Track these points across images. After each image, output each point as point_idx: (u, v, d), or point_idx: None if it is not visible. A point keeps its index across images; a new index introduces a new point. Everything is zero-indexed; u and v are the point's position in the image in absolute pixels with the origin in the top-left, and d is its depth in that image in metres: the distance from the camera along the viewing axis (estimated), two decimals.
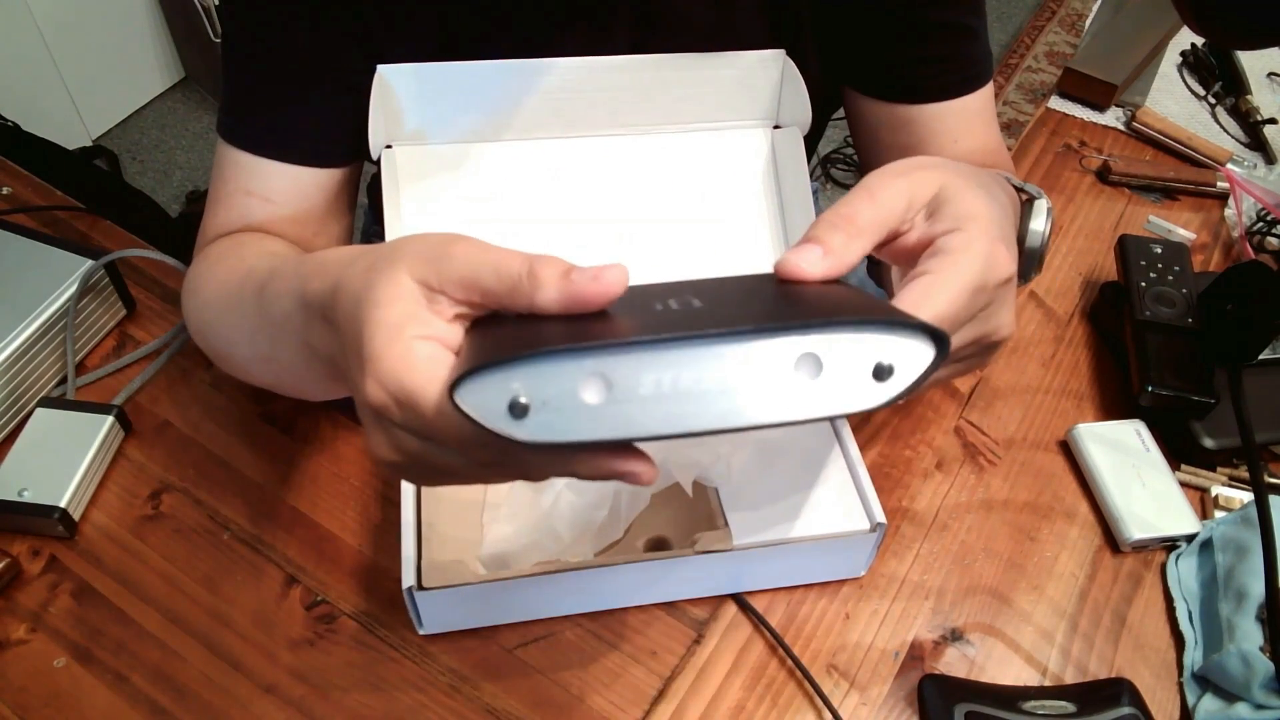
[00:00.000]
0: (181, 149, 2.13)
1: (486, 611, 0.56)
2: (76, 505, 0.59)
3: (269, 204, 0.61)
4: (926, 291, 0.37)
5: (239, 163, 0.60)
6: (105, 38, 2.03)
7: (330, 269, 0.39)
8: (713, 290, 0.36)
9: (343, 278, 0.37)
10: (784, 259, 0.37)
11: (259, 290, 0.48)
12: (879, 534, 0.56)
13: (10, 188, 0.80)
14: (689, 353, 0.30)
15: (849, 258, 0.37)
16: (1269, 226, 0.83)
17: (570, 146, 0.64)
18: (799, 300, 0.35)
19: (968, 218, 0.39)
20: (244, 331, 0.51)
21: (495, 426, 0.29)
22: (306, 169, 0.61)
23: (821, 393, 0.31)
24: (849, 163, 2.15)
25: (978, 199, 0.40)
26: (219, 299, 0.55)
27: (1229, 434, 0.65)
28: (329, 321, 0.38)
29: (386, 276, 0.34)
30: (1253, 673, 0.53)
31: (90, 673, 0.54)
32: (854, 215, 0.38)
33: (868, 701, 0.55)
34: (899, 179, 0.40)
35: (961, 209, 0.39)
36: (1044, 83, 1.02)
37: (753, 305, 0.34)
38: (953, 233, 0.39)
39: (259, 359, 0.52)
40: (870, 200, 0.39)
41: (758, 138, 0.66)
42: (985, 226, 0.39)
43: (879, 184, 0.40)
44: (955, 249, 0.38)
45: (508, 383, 0.29)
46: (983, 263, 0.38)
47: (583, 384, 0.29)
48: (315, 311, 0.40)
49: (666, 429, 0.30)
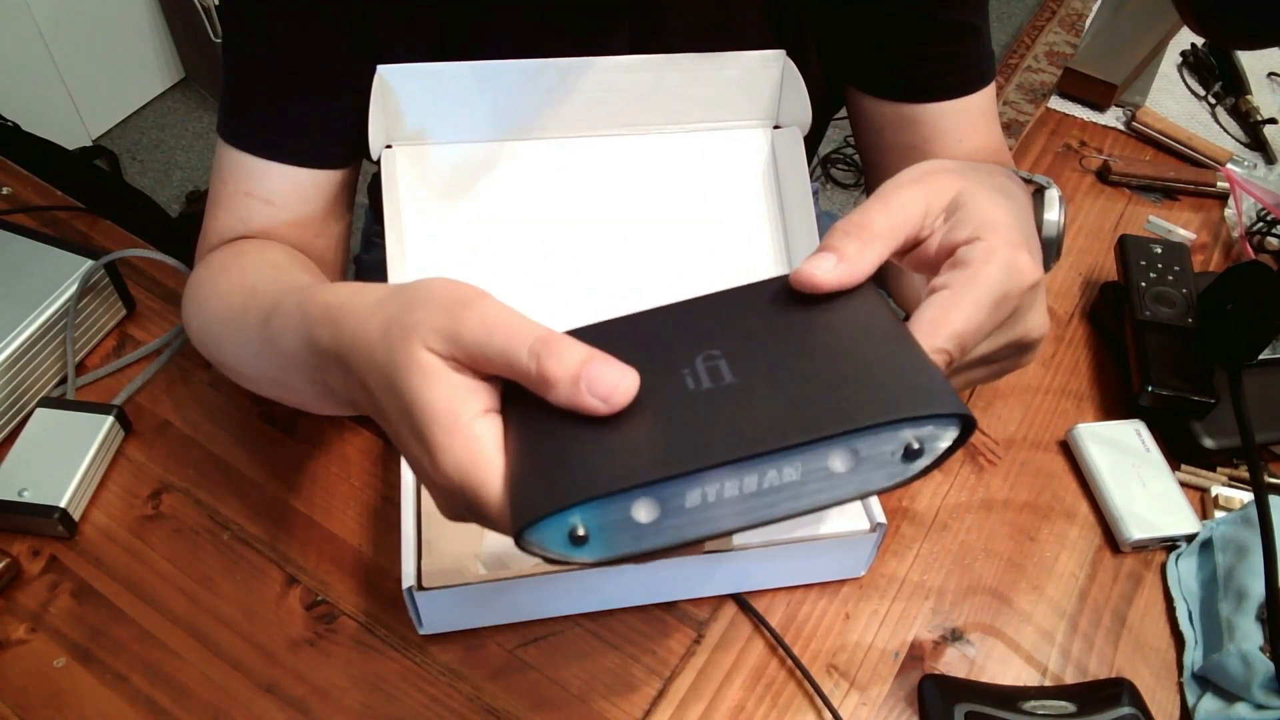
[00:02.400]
0: (181, 149, 2.13)
1: (486, 611, 0.56)
2: (76, 505, 0.59)
3: (269, 206, 0.61)
4: (946, 307, 0.36)
5: (238, 164, 0.60)
6: (105, 38, 2.03)
7: (334, 318, 0.39)
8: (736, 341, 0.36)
9: (358, 337, 0.37)
10: (800, 270, 0.36)
11: (264, 321, 0.48)
12: (879, 534, 0.56)
13: (10, 188, 0.80)
14: (734, 470, 0.32)
15: (863, 266, 0.37)
16: (1269, 226, 0.83)
17: (570, 146, 0.64)
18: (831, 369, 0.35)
19: (987, 225, 0.38)
20: (249, 354, 0.51)
21: (560, 555, 0.32)
22: (306, 170, 0.61)
23: (856, 478, 0.33)
24: (849, 163, 2.15)
25: (997, 204, 0.39)
26: (222, 317, 0.55)
27: (1229, 434, 0.65)
28: (350, 373, 0.38)
29: (409, 356, 0.34)
30: (1253, 673, 0.53)
31: (90, 673, 0.54)
32: (868, 222, 0.38)
33: (868, 701, 0.55)
34: (914, 185, 0.39)
35: (980, 216, 0.38)
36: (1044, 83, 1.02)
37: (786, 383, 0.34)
38: (973, 242, 0.38)
39: (266, 380, 0.52)
40: (885, 207, 0.38)
41: (758, 138, 0.66)
42: (1006, 234, 0.38)
43: (894, 191, 0.39)
44: (975, 260, 0.37)
45: (566, 520, 0.31)
46: (1004, 272, 0.37)
47: (635, 510, 0.32)
48: (329, 359, 0.39)
49: (713, 530, 0.32)
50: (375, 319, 0.36)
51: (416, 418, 0.34)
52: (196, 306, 0.59)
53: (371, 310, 0.37)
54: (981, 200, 0.39)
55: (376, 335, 0.35)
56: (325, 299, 0.41)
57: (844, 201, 2.12)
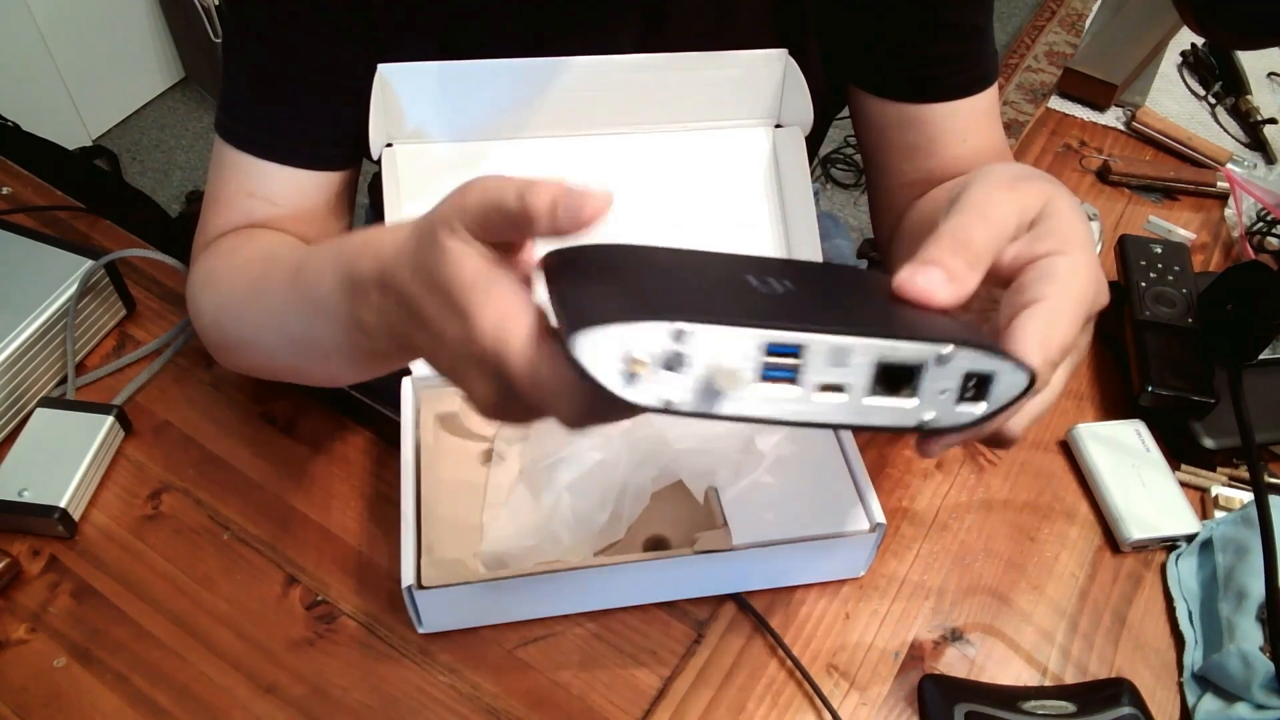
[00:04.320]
0: (181, 149, 2.13)
1: (486, 611, 0.56)
2: (76, 505, 0.59)
3: (272, 205, 0.61)
4: (1051, 320, 0.35)
5: (238, 164, 0.60)
6: (105, 38, 2.03)
7: (375, 246, 0.40)
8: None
9: (399, 252, 0.38)
10: (908, 279, 0.35)
11: (294, 273, 0.48)
12: (879, 534, 0.56)
13: (10, 188, 0.80)
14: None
15: (970, 285, 0.35)
16: (1269, 226, 0.83)
17: (571, 145, 0.64)
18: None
19: (1073, 240, 0.37)
20: (273, 315, 0.51)
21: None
22: (307, 171, 0.61)
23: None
24: (849, 163, 2.15)
25: (1079, 218, 0.38)
26: (242, 286, 0.55)
27: (1229, 434, 0.65)
28: (387, 293, 0.39)
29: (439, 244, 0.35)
30: (1253, 673, 0.53)
31: (90, 673, 0.54)
32: (971, 239, 0.36)
33: (868, 701, 0.55)
34: (1008, 193, 0.38)
35: (1066, 229, 0.37)
36: (1044, 83, 1.02)
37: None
38: (1058, 255, 0.37)
39: (288, 342, 0.52)
40: (984, 220, 0.37)
41: (759, 137, 0.66)
42: (1089, 250, 0.37)
43: (990, 199, 0.37)
44: (1068, 273, 0.36)
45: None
46: (1094, 289, 0.37)
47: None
48: (368, 287, 0.40)
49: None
50: (414, 228, 0.38)
51: (455, 292, 0.35)
52: (209, 286, 0.58)
53: (409, 227, 0.38)
54: (1067, 212, 0.38)
55: (413, 242, 0.37)
56: (364, 235, 0.42)
57: (844, 201, 2.12)
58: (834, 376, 0.32)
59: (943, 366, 0.32)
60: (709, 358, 0.30)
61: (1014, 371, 0.33)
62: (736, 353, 0.30)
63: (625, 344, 0.30)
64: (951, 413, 0.33)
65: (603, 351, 0.30)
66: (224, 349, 0.60)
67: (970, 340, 0.32)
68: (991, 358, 0.32)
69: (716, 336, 0.30)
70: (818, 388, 0.32)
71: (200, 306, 0.59)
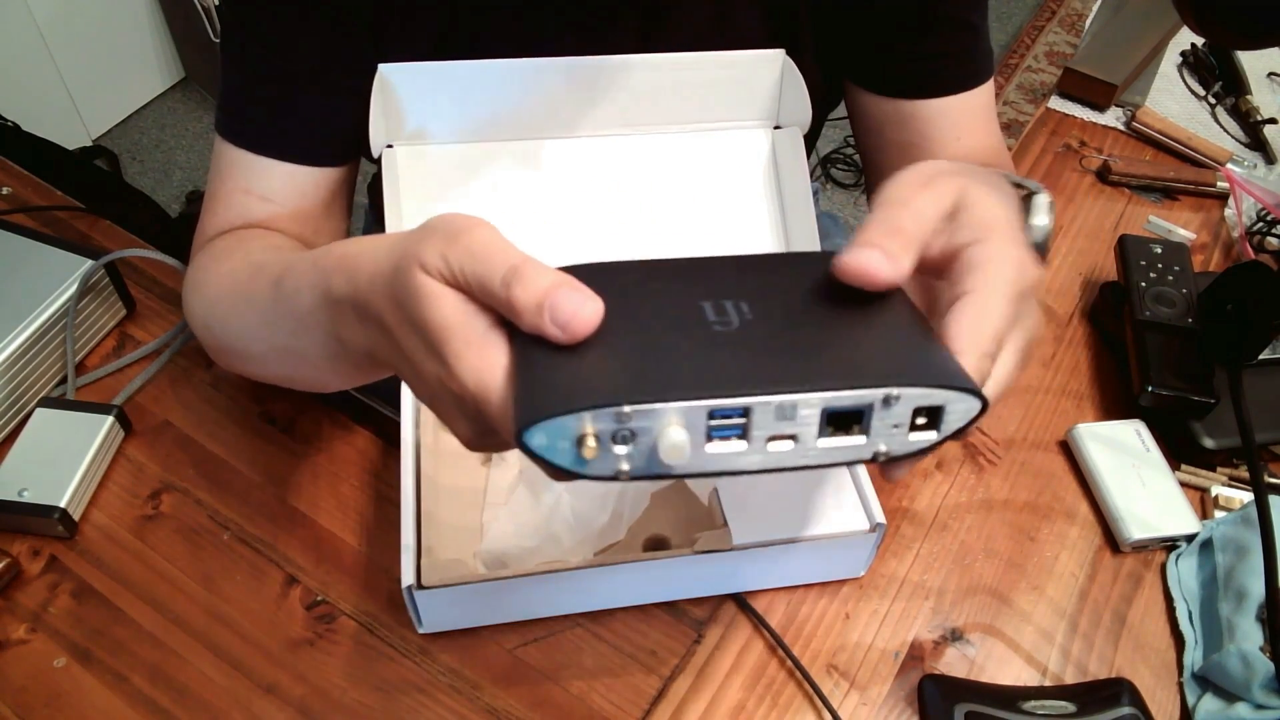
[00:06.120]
0: (181, 149, 2.13)
1: (486, 611, 0.56)
2: (76, 505, 0.59)
3: (268, 203, 0.61)
4: (981, 310, 0.36)
5: (237, 161, 0.60)
6: (105, 38, 2.03)
7: (351, 265, 0.40)
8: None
9: (374, 277, 0.38)
10: (851, 261, 0.35)
11: (275, 284, 0.48)
12: (879, 534, 0.56)
13: (10, 188, 0.80)
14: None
15: (905, 266, 0.36)
16: (1269, 226, 0.83)
17: (570, 146, 0.64)
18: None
19: (990, 226, 0.38)
20: (258, 326, 0.51)
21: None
22: (305, 168, 0.61)
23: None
24: (849, 163, 2.15)
25: (997, 204, 0.39)
26: (228, 294, 0.55)
27: (1229, 434, 0.65)
28: (366, 318, 0.39)
29: (416, 280, 0.35)
30: (1253, 673, 0.53)
31: (90, 673, 0.54)
32: (900, 226, 0.37)
33: (868, 701, 0.55)
34: (922, 190, 0.38)
35: (983, 216, 0.38)
36: (1044, 83, 1.02)
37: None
38: (978, 243, 0.37)
39: (276, 351, 0.52)
40: (909, 212, 0.37)
41: (758, 138, 0.66)
42: (1008, 233, 0.38)
43: (909, 195, 0.38)
44: (988, 260, 0.37)
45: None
46: (1017, 270, 0.37)
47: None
48: (345, 308, 0.40)
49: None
50: (389, 256, 0.37)
51: (433, 335, 0.35)
52: (199, 291, 0.58)
53: (387, 250, 0.38)
54: (983, 200, 0.39)
55: (389, 268, 0.37)
56: (341, 250, 0.42)
57: (844, 201, 2.12)
58: (783, 429, 0.32)
59: (890, 407, 0.32)
60: (656, 432, 0.31)
61: (963, 399, 0.33)
62: (682, 424, 0.31)
63: (571, 431, 0.31)
64: (905, 443, 0.34)
65: (552, 441, 0.31)
66: (217, 353, 0.60)
67: (915, 379, 0.32)
68: (938, 391, 0.33)
69: (659, 413, 0.31)
70: (769, 439, 0.32)
71: (192, 310, 0.60)
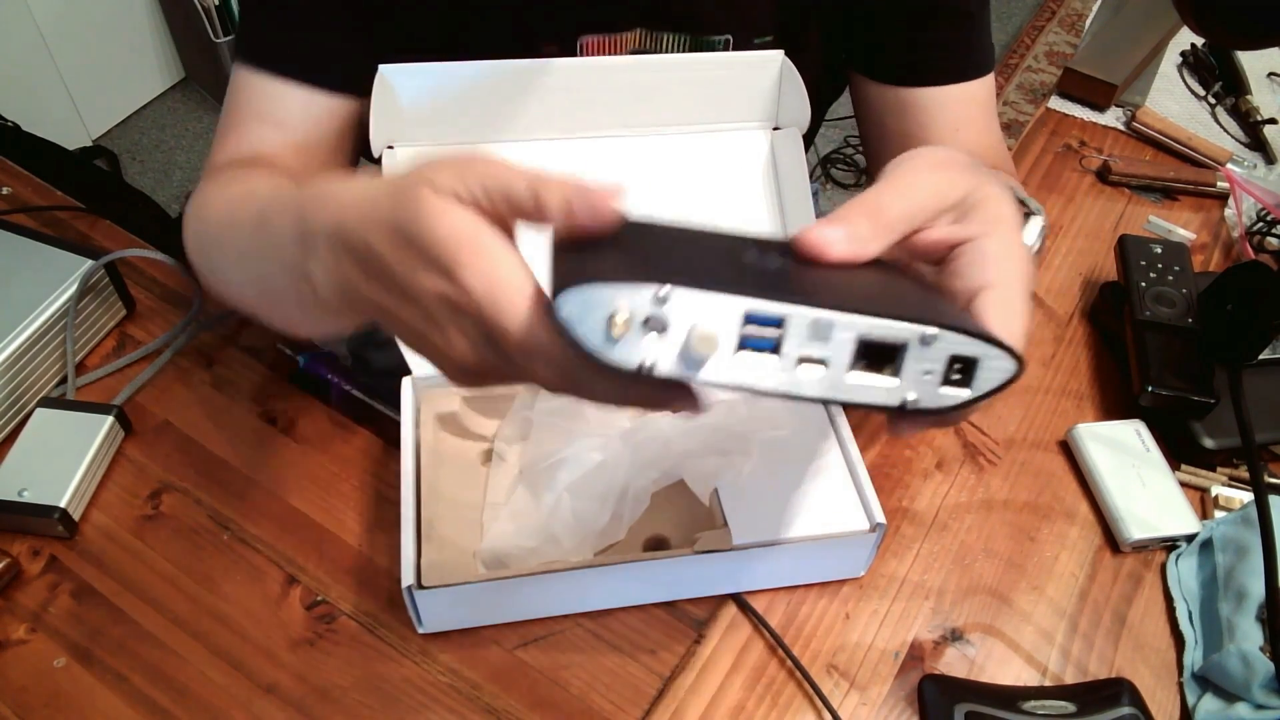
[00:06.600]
0: (181, 149, 2.13)
1: (486, 611, 0.56)
2: (76, 505, 0.59)
3: (280, 129, 0.61)
4: (1006, 303, 0.36)
5: (253, 85, 0.61)
6: (105, 38, 2.03)
7: (339, 199, 0.39)
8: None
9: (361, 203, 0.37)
10: (807, 234, 0.36)
11: (259, 214, 0.48)
12: (879, 534, 0.56)
13: (10, 188, 0.80)
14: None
15: (870, 249, 0.36)
16: (1269, 226, 0.83)
17: (570, 147, 0.64)
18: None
19: (1001, 222, 0.38)
20: (238, 255, 0.51)
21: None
22: (320, 93, 0.61)
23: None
24: (849, 163, 2.15)
25: (1005, 204, 0.39)
26: (219, 219, 0.55)
27: (1229, 434, 0.65)
28: (348, 251, 0.38)
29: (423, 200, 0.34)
30: (1253, 673, 0.53)
31: (90, 673, 0.54)
32: (883, 207, 0.37)
33: (868, 701, 0.55)
34: (932, 173, 0.38)
35: (993, 212, 0.38)
36: (1044, 83, 1.02)
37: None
38: (990, 238, 0.37)
39: (250, 281, 0.51)
40: (899, 194, 0.37)
41: (757, 139, 0.66)
42: (1017, 233, 0.38)
43: (912, 176, 0.38)
44: (1005, 255, 0.37)
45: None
46: (1027, 266, 0.37)
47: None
48: (319, 241, 0.39)
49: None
50: (388, 187, 0.37)
51: (441, 248, 0.34)
52: (198, 216, 0.58)
53: (385, 184, 0.37)
54: (994, 197, 0.39)
55: (388, 198, 0.36)
56: (325, 185, 0.41)
57: (844, 201, 2.11)
58: (815, 350, 0.31)
59: (927, 347, 0.32)
60: (690, 322, 0.30)
61: (1001, 358, 0.32)
62: (717, 319, 0.31)
63: (607, 303, 0.30)
64: (935, 395, 0.33)
65: (585, 310, 0.30)
66: (208, 281, 0.59)
67: (957, 324, 0.32)
68: (978, 343, 0.32)
69: (697, 301, 0.30)
70: (799, 360, 0.32)
71: (189, 237, 0.59)
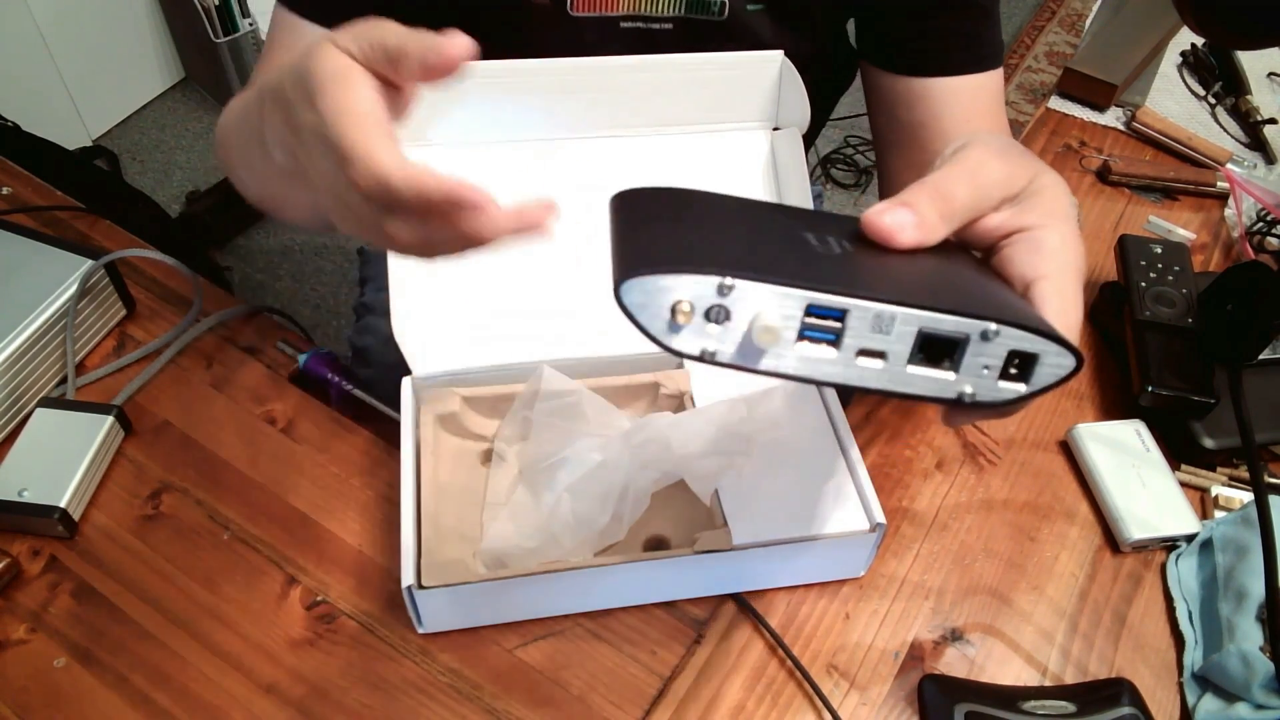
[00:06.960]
0: (181, 149, 2.13)
1: (486, 611, 0.56)
2: (76, 505, 0.59)
3: None
4: (1063, 294, 0.36)
5: (290, 25, 0.63)
6: (105, 38, 2.03)
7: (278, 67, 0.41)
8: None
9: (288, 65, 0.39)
10: (876, 218, 0.35)
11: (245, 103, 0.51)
12: (879, 534, 0.56)
13: (10, 188, 0.80)
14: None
15: (936, 236, 0.36)
16: (1269, 226, 0.83)
17: (570, 148, 0.64)
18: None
19: (1059, 214, 0.38)
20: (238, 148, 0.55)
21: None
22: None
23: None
24: (849, 163, 2.15)
25: (1064, 195, 0.39)
26: (226, 123, 0.58)
27: (1229, 434, 0.65)
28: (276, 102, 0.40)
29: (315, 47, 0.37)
30: (1253, 673, 0.53)
31: (90, 673, 0.54)
32: (952, 194, 0.36)
33: (868, 701, 0.55)
34: (1000, 161, 0.38)
35: (1052, 203, 0.38)
36: (1044, 83, 1.02)
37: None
38: (1047, 229, 0.37)
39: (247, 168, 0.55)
40: (971, 179, 0.37)
41: (757, 139, 0.66)
42: (1074, 226, 0.38)
43: (982, 162, 0.38)
44: (1063, 247, 0.37)
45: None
46: (1082, 260, 0.38)
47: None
48: (266, 97, 0.41)
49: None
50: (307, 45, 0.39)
51: (310, 80, 0.36)
52: (219, 126, 0.61)
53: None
54: (1052, 188, 0.39)
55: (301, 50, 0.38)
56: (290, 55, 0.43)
57: (844, 201, 2.12)
58: (875, 343, 0.32)
59: (987, 343, 0.32)
60: (752, 313, 0.31)
61: (1060, 355, 0.33)
62: (779, 311, 0.31)
63: (670, 294, 0.30)
64: (992, 389, 0.33)
65: (649, 298, 0.30)
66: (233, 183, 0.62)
67: (1018, 320, 0.32)
68: (1038, 339, 0.32)
69: (760, 293, 0.30)
70: (858, 352, 0.32)
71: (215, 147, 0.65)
